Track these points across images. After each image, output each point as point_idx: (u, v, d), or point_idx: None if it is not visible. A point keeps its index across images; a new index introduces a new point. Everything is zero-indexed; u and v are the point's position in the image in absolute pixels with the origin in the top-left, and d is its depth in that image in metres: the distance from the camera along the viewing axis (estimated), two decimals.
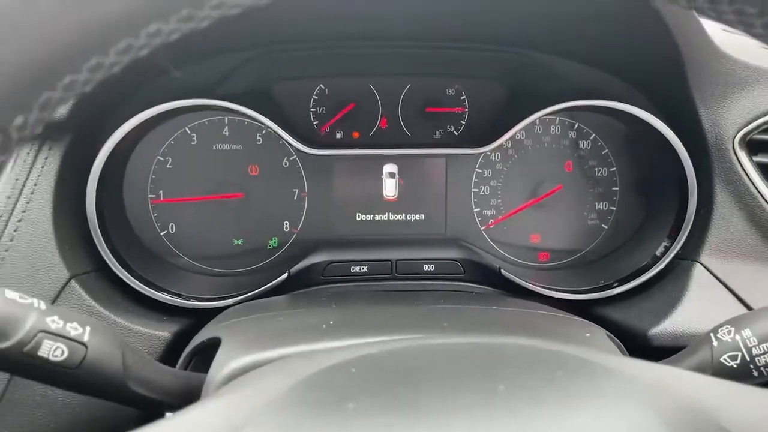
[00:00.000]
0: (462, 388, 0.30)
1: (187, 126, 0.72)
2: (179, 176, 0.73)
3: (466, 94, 0.76)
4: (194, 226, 0.74)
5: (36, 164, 0.57)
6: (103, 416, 0.57)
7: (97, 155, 0.61)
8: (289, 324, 0.50)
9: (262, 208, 0.75)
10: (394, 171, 0.76)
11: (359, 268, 0.73)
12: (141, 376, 0.43)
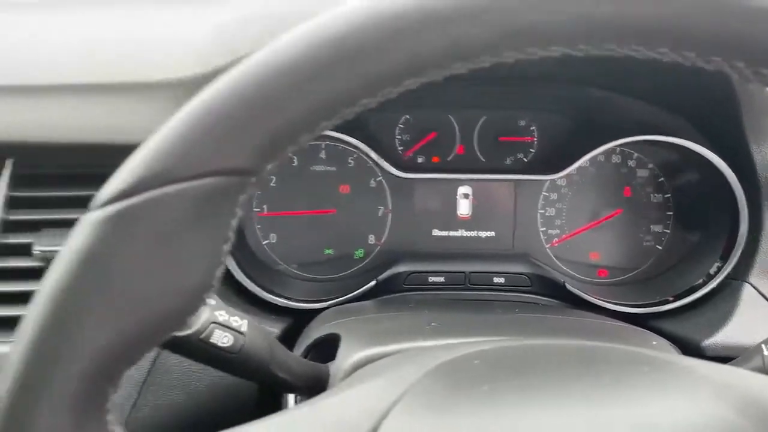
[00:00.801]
0: (572, 378, 0.38)
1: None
2: (281, 193, 0.83)
3: (536, 126, 0.85)
4: (292, 237, 0.84)
5: None
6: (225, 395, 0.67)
7: None
8: (398, 324, 0.60)
9: (351, 222, 0.85)
10: (468, 192, 0.85)
11: (436, 278, 0.82)
12: (281, 363, 0.52)
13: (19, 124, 0.64)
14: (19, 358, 0.30)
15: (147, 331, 0.31)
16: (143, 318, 0.31)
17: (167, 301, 0.31)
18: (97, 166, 0.67)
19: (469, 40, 0.30)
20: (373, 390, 0.38)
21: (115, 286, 0.30)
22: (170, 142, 0.31)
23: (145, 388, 0.64)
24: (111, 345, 0.31)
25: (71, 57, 0.67)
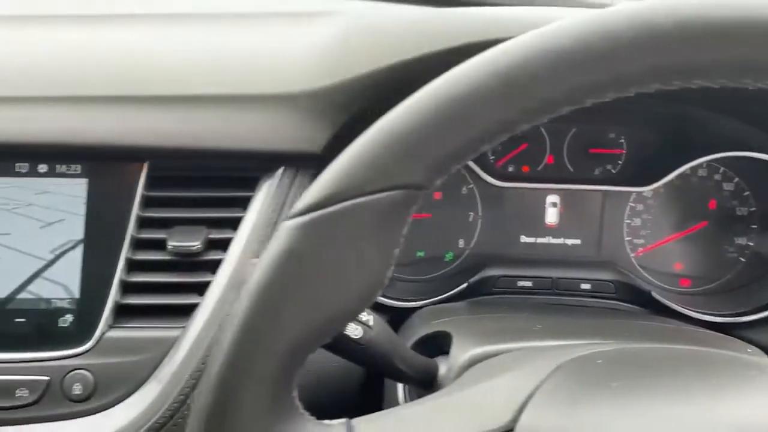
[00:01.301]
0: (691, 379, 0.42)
1: None
2: None
3: (625, 139, 0.88)
4: None
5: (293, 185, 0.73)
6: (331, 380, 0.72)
7: None
8: (506, 325, 0.64)
9: (443, 226, 0.89)
10: (556, 201, 0.88)
11: (525, 282, 0.86)
12: (401, 355, 0.57)
13: (155, 130, 0.70)
14: (231, 340, 0.35)
15: (331, 322, 0.37)
16: (329, 312, 0.36)
17: (349, 298, 0.37)
18: (223, 170, 0.74)
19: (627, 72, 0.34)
20: (507, 383, 0.43)
21: (310, 285, 0.36)
22: (359, 160, 0.36)
23: None
24: (303, 333, 0.36)
25: (199, 69, 0.74)
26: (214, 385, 0.35)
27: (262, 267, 0.36)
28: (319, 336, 0.37)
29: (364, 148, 0.36)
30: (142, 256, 0.70)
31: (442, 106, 0.35)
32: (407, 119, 0.36)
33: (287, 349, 0.36)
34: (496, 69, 0.35)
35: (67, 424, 0.66)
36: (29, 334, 0.68)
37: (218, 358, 0.36)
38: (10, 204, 0.70)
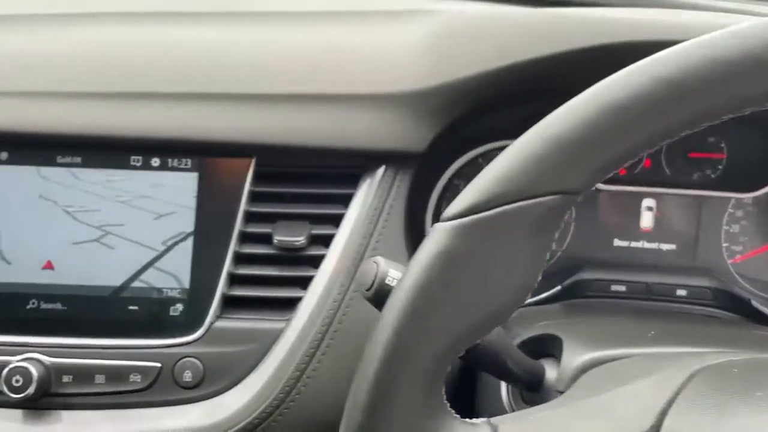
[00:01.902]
0: None
1: (480, 155, 0.87)
2: None
3: (726, 144, 0.86)
4: None
5: (394, 183, 0.74)
6: None
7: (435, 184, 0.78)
8: (616, 329, 0.64)
9: None
10: (652, 205, 0.87)
11: (618, 287, 0.85)
12: (512, 356, 0.57)
13: (263, 127, 0.72)
14: (386, 338, 0.36)
15: (483, 323, 0.37)
16: (483, 313, 0.37)
17: (501, 301, 0.37)
18: (326, 167, 0.75)
19: None
20: (642, 390, 0.43)
21: (466, 286, 0.36)
22: (519, 164, 0.36)
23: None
24: (457, 333, 0.37)
25: (305, 67, 0.75)
26: (371, 382, 0.36)
27: (417, 267, 0.37)
28: (471, 336, 0.38)
29: (525, 152, 0.36)
30: (248, 250, 0.73)
31: (607, 111, 0.36)
32: (570, 124, 0.36)
33: (441, 348, 0.37)
34: (663, 76, 0.35)
35: (178, 409, 0.69)
36: (141, 322, 0.71)
37: (374, 356, 0.37)
38: (124, 196, 0.73)
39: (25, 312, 0.70)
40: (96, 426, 0.68)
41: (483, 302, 0.37)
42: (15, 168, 0.73)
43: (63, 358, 0.69)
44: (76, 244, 0.72)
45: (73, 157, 0.73)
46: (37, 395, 0.66)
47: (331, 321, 0.69)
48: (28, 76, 0.73)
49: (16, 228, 0.72)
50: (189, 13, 0.79)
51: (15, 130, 0.71)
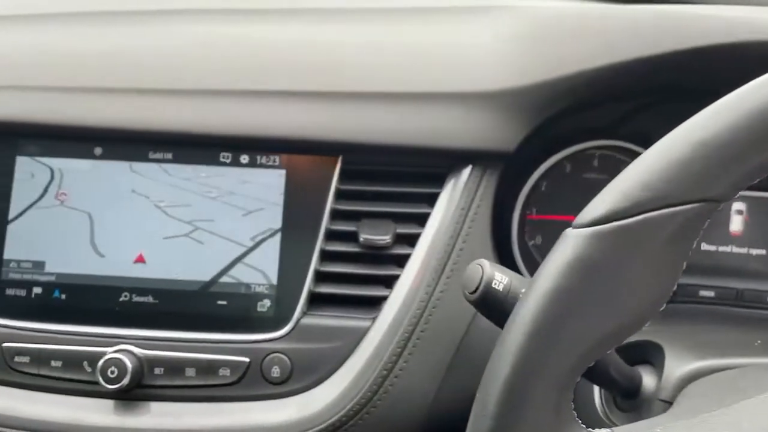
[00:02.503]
0: None
1: (564, 157, 0.85)
2: (551, 197, 0.87)
3: None
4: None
5: (481, 184, 0.73)
6: None
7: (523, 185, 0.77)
8: (718, 337, 0.62)
9: None
10: (742, 209, 0.84)
11: (707, 292, 0.82)
12: (613, 362, 0.56)
13: (350, 126, 0.72)
14: (518, 346, 0.36)
15: (619, 332, 0.36)
16: (618, 321, 0.36)
17: (638, 309, 0.36)
18: (411, 165, 0.75)
19: None
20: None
21: (602, 294, 0.35)
22: (662, 170, 0.35)
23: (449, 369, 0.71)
24: (591, 342, 0.36)
25: (391, 65, 0.75)
26: (501, 390, 0.36)
27: (550, 274, 0.36)
28: (603, 347, 0.37)
29: (669, 156, 0.35)
30: (334, 247, 0.73)
31: (756, 116, 0.34)
32: (717, 128, 0.35)
33: (574, 358, 0.36)
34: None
35: (266, 404, 0.69)
36: (230, 317, 0.72)
37: (504, 363, 0.36)
38: (214, 192, 0.74)
39: (118, 304, 0.72)
40: (186, 418, 0.69)
41: (618, 312, 0.36)
42: (108, 163, 0.74)
43: (154, 351, 0.70)
44: (167, 239, 0.73)
45: (165, 153, 0.74)
46: (130, 386, 0.68)
47: (418, 320, 0.69)
48: (121, 72, 0.75)
49: (109, 222, 0.73)
50: (275, 10, 0.80)
51: (108, 126, 0.73)
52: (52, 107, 0.73)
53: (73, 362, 0.70)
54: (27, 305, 0.72)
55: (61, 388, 0.70)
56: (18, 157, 0.74)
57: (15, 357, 0.70)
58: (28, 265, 0.73)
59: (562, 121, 0.73)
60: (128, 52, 0.76)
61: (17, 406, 0.70)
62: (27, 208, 0.74)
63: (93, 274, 0.73)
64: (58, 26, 0.79)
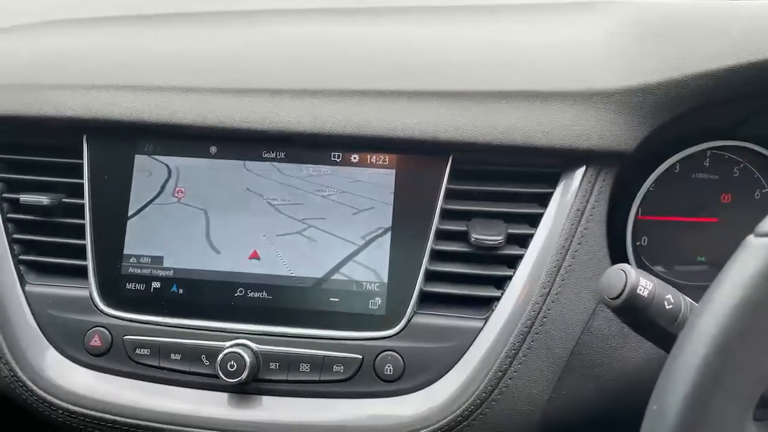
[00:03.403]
0: None
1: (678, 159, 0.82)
2: (659, 197, 0.84)
3: None
4: (664, 241, 0.86)
5: (596, 184, 0.72)
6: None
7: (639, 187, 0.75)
8: None
9: (729, 232, 0.84)
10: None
11: None
12: None
13: (461, 125, 0.72)
14: (703, 354, 0.35)
15: None
16: None
17: None
18: (522, 165, 0.74)
19: None
20: None
21: None
22: None
23: (565, 371, 0.70)
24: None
25: (501, 65, 0.74)
26: (683, 402, 0.35)
27: (736, 284, 0.35)
28: None
29: None
30: (445, 247, 0.73)
31: None
32: None
33: (760, 371, 0.35)
34: None
35: (378, 402, 0.70)
36: (342, 314, 0.72)
37: (686, 375, 0.35)
38: (325, 191, 0.75)
39: (233, 299, 0.74)
40: (301, 412, 0.71)
41: None
42: (223, 162, 0.76)
43: (269, 346, 0.72)
44: (280, 236, 0.74)
45: (278, 152, 0.76)
46: (247, 380, 0.69)
47: (532, 322, 0.68)
48: (236, 74, 0.76)
49: (224, 219, 0.75)
50: (387, 9, 0.80)
51: (223, 126, 0.74)
52: (170, 107, 0.75)
53: (192, 355, 0.72)
54: (146, 299, 0.75)
55: (180, 380, 0.72)
56: (137, 156, 0.77)
57: (136, 349, 0.73)
58: (147, 261, 0.75)
59: (683, 121, 0.71)
60: (242, 53, 0.78)
61: (140, 398, 0.72)
62: (146, 204, 0.76)
63: (209, 269, 0.75)
64: (174, 28, 0.82)
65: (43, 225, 0.78)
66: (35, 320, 0.75)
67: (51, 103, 0.76)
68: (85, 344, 0.73)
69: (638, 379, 0.71)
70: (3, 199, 0.78)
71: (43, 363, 0.74)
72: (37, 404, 0.73)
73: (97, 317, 0.74)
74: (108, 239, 0.76)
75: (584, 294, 0.70)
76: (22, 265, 0.77)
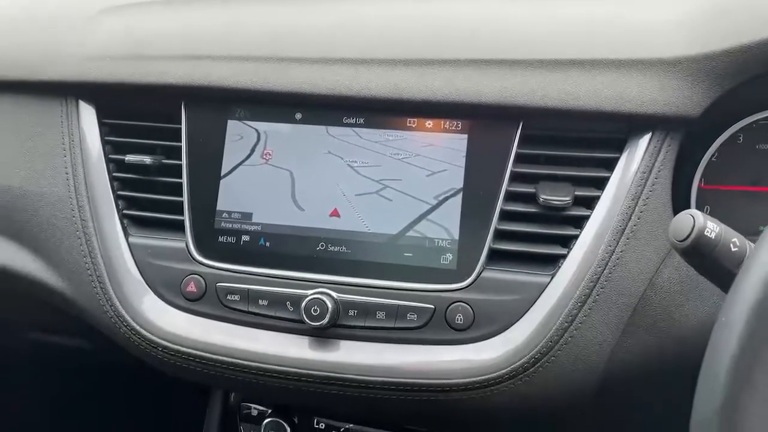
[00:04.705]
0: None
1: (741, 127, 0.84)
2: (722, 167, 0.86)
3: None
4: (726, 211, 0.87)
5: (662, 149, 0.75)
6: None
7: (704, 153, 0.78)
8: None
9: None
10: None
11: None
12: None
13: (532, 91, 0.76)
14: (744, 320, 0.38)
15: None
16: None
17: None
18: (590, 131, 0.77)
19: None
20: None
21: None
22: None
23: (627, 326, 0.74)
24: None
25: (572, 33, 0.78)
26: (731, 361, 0.38)
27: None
28: None
29: None
30: (513, 207, 0.77)
31: None
32: None
33: None
34: None
35: (449, 349, 0.75)
36: (416, 268, 0.78)
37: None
38: (401, 154, 0.80)
39: (315, 253, 0.80)
40: (376, 356, 0.76)
41: None
42: (307, 127, 0.83)
43: (348, 295, 0.77)
44: (359, 196, 0.80)
45: (357, 118, 0.81)
46: (328, 325, 0.75)
47: (598, 278, 0.72)
48: (320, 44, 0.82)
49: (307, 179, 0.81)
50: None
51: (308, 93, 0.80)
52: (260, 76, 0.81)
53: (278, 301, 0.78)
54: (237, 251, 0.82)
55: (266, 324, 0.79)
56: (229, 121, 0.84)
57: (227, 295, 0.80)
58: (237, 216, 0.82)
59: (748, 88, 0.73)
60: (327, 26, 0.84)
61: (230, 339, 0.79)
62: (237, 165, 0.83)
63: (294, 225, 0.81)
64: (264, 4, 0.89)
65: (145, 183, 0.86)
66: (137, 269, 0.83)
67: (154, 72, 0.84)
68: (181, 290, 0.81)
69: (698, 339, 0.74)
70: (110, 159, 0.87)
71: (145, 306, 0.82)
72: (139, 342, 0.81)
73: (192, 266, 0.81)
74: (203, 196, 0.83)
75: (648, 253, 0.73)
76: (125, 219, 0.86)
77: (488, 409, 0.75)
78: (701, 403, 0.39)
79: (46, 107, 0.90)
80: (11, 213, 0.89)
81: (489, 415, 0.78)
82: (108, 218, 0.85)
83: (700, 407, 0.39)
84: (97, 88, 0.87)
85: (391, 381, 0.75)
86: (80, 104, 0.88)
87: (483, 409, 0.75)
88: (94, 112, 0.88)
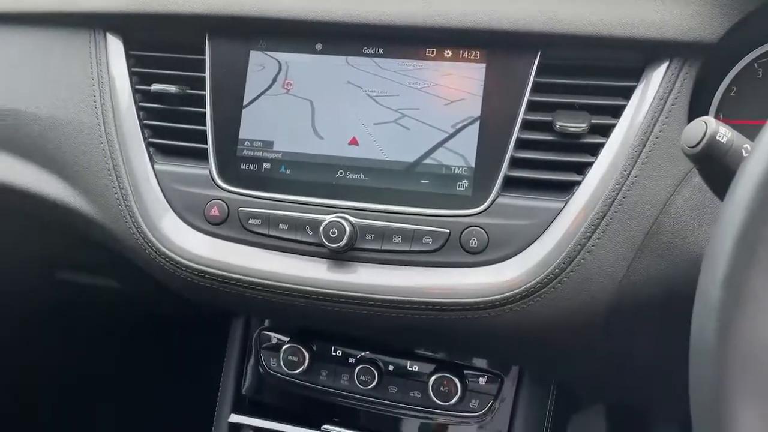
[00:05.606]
0: None
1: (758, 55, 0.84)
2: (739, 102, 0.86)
3: None
4: None
5: (679, 77, 0.75)
6: None
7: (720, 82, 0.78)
8: None
9: None
10: None
11: None
12: None
13: (549, 18, 0.76)
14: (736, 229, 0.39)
15: None
16: None
17: None
18: (608, 59, 0.78)
19: None
20: None
21: None
22: None
23: (640, 250, 0.75)
24: None
25: None
26: (731, 251, 0.39)
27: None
28: None
29: None
30: (529, 135, 0.78)
31: None
32: None
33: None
34: None
35: (464, 270, 0.77)
36: (432, 194, 0.79)
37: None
38: (419, 83, 0.81)
39: (335, 179, 0.82)
40: (392, 278, 0.78)
41: None
42: (327, 57, 0.84)
43: (366, 219, 0.80)
44: (377, 125, 0.82)
45: (377, 48, 0.83)
46: (346, 248, 0.78)
47: (612, 202, 0.73)
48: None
49: (327, 108, 0.83)
50: None
51: (327, 20, 0.82)
52: (281, 4, 0.83)
53: (297, 225, 0.81)
54: (258, 177, 0.84)
55: (286, 247, 0.82)
56: (251, 52, 0.86)
57: (249, 220, 0.82)
58: (259, 144, 0.85)
59: (765, 14, 0.73)
60: None
61: (251, 261, 0.82)
62: (258, 95, 0.85)
63: (313, 153, 0.83)
64: None
65: (170, 113, 0.89)
66: (163, 193, 0.86)
67: (179, 1, 0.86)
68: (205, 214, 0.84)
69: None
70: (136, 90, 0.89)
71: (169, 229, 0.85)
72: (164, 262, 0.84)
73: (215, 192, 0.84)
74: (225, 125, 0.85)
75: (663, 179, 0.74)
76: (151, 147, 0.88)
77: (499, 330, 0.77)
78: (706, 276, 0.40)
79: (75, 39, 0.92)
80: (41, 140, 0.92)
81: (500, 337, 0.80)
82: (135, 146, 0.88)
83: (705, 279, 0.40)
84: (124, 19, 0.89)
85: (405, 299, 0.77)
86: (108, 36, 0.91)
87: (494, 330, 0.77)
88: (122, 44, 0.91)
